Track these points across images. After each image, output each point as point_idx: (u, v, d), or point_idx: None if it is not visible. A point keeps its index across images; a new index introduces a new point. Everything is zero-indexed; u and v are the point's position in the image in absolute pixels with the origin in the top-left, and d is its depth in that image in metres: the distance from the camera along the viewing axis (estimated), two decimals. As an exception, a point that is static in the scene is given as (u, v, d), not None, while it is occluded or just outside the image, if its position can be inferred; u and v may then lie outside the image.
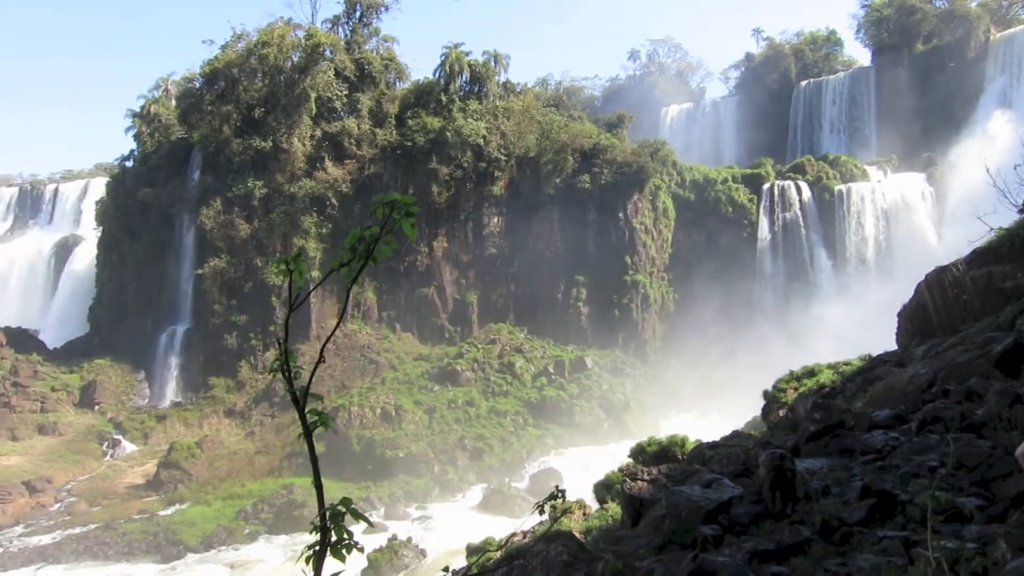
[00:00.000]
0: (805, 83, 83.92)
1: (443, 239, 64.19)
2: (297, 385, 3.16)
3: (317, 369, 3.16)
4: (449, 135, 62.38)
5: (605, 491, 18.65)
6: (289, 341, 3.25)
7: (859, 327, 47.42)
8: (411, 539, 38.54)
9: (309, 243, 60.02)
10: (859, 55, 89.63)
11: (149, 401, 61.52)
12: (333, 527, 3.01)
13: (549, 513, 4.94)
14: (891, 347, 20.54)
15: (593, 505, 18.97)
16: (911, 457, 9.21)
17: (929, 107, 71.87)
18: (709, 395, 55.93)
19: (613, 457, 35.15)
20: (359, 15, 69.41)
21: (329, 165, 62.56)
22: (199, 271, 61.34)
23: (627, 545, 10.78)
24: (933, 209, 61.65)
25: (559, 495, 4.69)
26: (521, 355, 59.57)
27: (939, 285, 18.69)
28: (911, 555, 6.49)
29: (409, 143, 62.95)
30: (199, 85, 67.18)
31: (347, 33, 69.21)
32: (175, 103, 73.43)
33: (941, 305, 18.59)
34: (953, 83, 71.31)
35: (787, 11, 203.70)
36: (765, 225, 64.76)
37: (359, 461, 48.53)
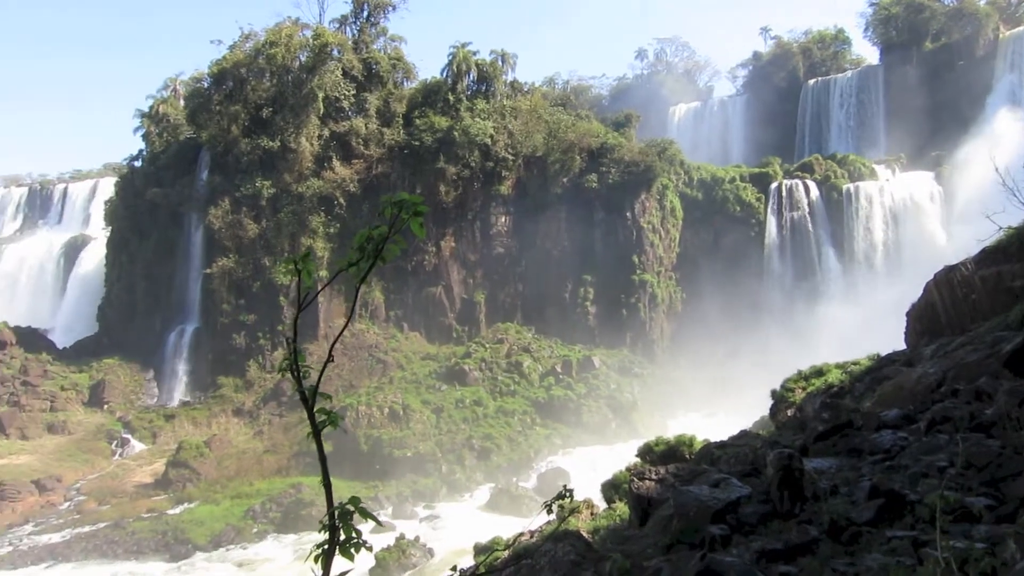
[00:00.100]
0: (813, 82, 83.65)
1: (451, 239, 64.24)
2: (306, 384, 3.17)
3: (326, 368, 3.16)
4: (457, 135, 62.41)
5: (613, 491, 18.62)
6: (297, 340, 3.27)
7: (867, 326, 47.25)
8: (419, 538, 38.58)
9: (317, 243, 60.14)
10: (867, 54, 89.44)
11: (158, 400, 61.76)
12: (342, 526, 3.02)
13: (557, 513, 4.95)
14: (900, 346, 20.47)
15: (601, 505, 18.94)
16: (920, 457, 9.18)
17: (938, 105, 71.56)
18: (717, 394, 55.82)
19: (621, 457, 35.13)
20: (367, 15, 69.49)
21: (337, 165, 62.68)
22: (207, 271, 61.53)
23: (635, 545, 10.78)
24: (942, 208, 61.36)
25: (567, 494, 4.69)
26: (529, 355, 59.56)
27: (948, 284, 18.61)
28: (920, 555, 6.47)
29: (417, 143, 63.00)
30: (207, 85, 67.39)
31: (355, 33, 69.29)
32: (183, 103, 73.62)
33: (950, 304, 18.50)
34: (962, 81, 71.02)
35: (795, 10, 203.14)
36: (773, 224, 64.59)
37: (367, 460, 48.61)
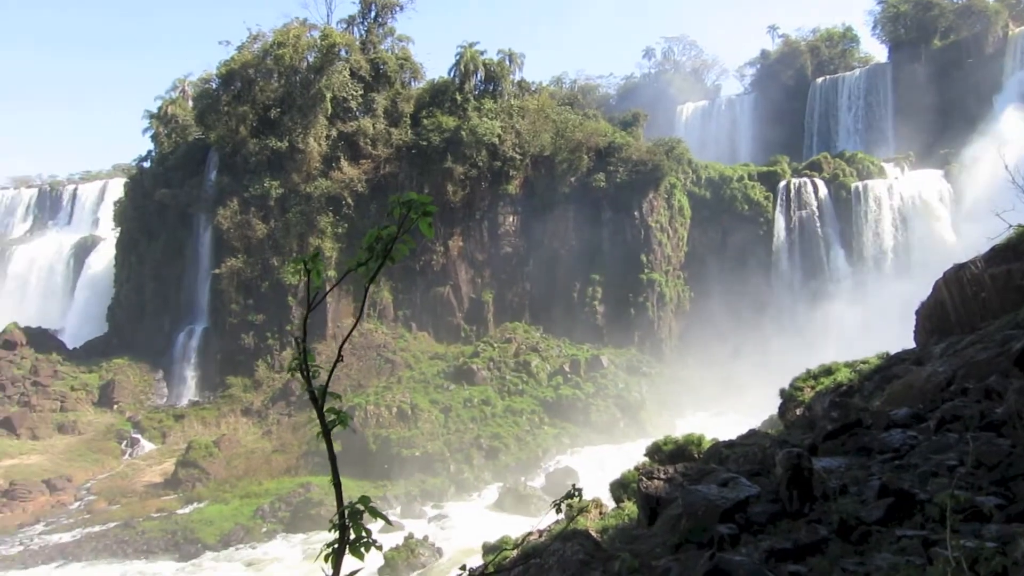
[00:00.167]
0: (821, 80, 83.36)
1: (458, 238, 64.28)
2: (315, 384, 3.19)
3: (337, 367, 3.18)
4: (464, 134, 62.45)
5: (621, 490, 18.61)
6: (307, 340, 3.28)
7: (876, 325, 47.16)
8: (427, 538, 38.58)
9: (325, 243, 60.26)
10: (876, 52, 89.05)
11: (167, 400, 62.00)
12: (352, 525, 3.03)
13: (565, 512, 4.95)
14: (909, 345, 20.40)
15: (609, 504, 18.93)
16: (929, 456, 9.16)
17: (946, 103, 71.23)
18: (725, 394, 55.71)
19: (629, 456, 35.10)
20: (374, 15, 69.60)
21: (345, 165, 62.79)
22: (216, 271, 61.72)
23: (643, 544, 10.78)
24: (951, 206, 61.08)
25: (576, 494, 4.70)
26: (537, 354, 59.55)
27: (957, 283, 18.55)
28: (930, 554, 6.46)
29: (424, 142, 63.07)
30: (215, 86, 67.66)
31: (362, 33, 69.42)
32: (192, 104, 73.92)
33: (959, 303, 18.44)
34: (971, 79, 70.68)
35: (803, 8, 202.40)
36: (781, 223, 64.40)
37: (375, 460, 48.67)
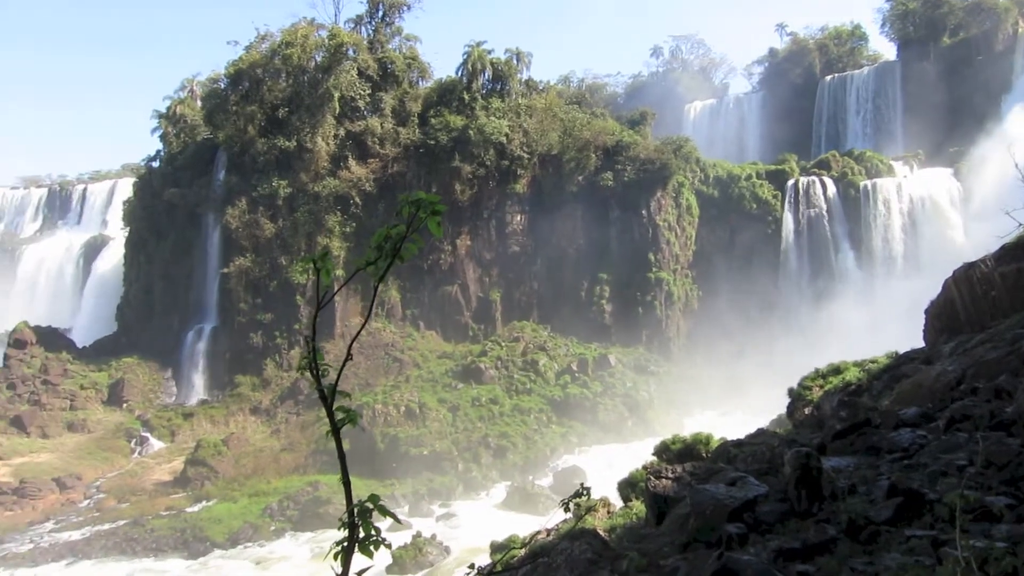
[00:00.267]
0: (830, 78, 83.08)
1: (466, 237, 64.31)
2: (324, 383, 3.20)
3: (347, 366, 3.19)
4: (472, 133, 62.47)
5: (629, 489, 18.59)
6: (315, 339, 3.29)
7: (885, 324, 46.95)
8: (435, 536, 38.64)
9: (333, 242, 60.37)
10: (884, 49, 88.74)
11: (176, 399, 62.24)
12: (361, 523, 3.04)
13: (573, 511, 4.96)
14: (918, 344, 20.33)
15: (617, 503, 18.92)
16: (939, 455, 9.13)
17: (956, 101, 70.91)
18: (733, 393, 55.61)
19: (637, 455, 35.07)
20: (382, 14, 69.64)
21: (353, 164, 62.90)
22: (225, 270, 61.91)
23: (651, 543, 10.77)
24: (960, 205, 60.79)
25: (584, 493, 4.70)
26: (544, 353, 59.54)
27: (967, 281, 18.46)
28: (939, 555, 6.44)
29: (432, 142, 63.12)
30: (224, 86, 67.83)
31: (370, 32, 69.48)
32: (200, 104, 74.17)
33: (969, 301, 18.36)
34: (981, 77, 70.33)
35: (811, 6, 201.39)
36: (790, 222, 64.23)
37: (383, 459, 48.75)
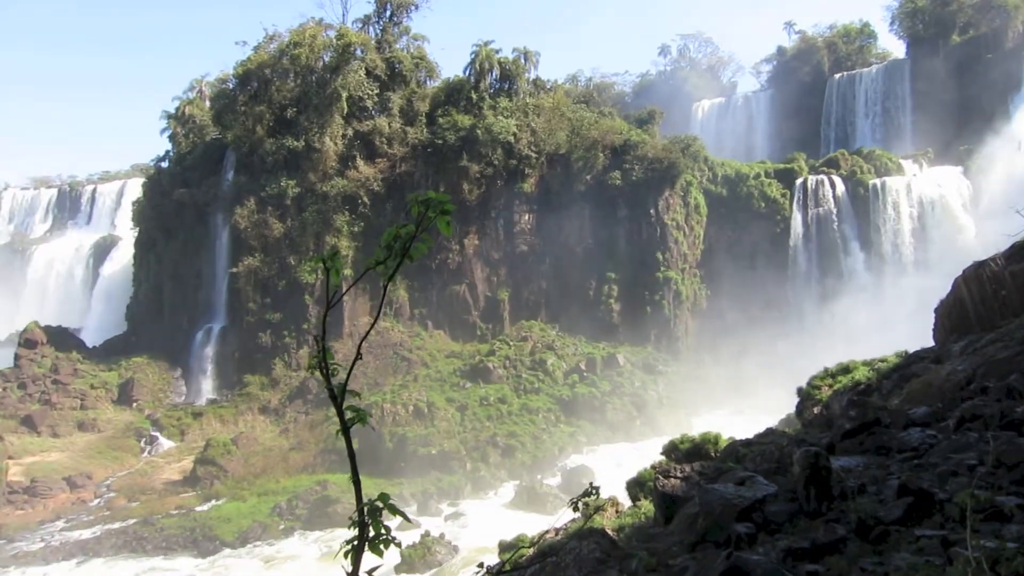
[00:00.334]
0: (838, 76, 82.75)
1: (474, 236, 64.33)
2: (334, 382, 3.21)
3: (356, 365, 3.20)
4: (480, 133, 62.49)
5: (638, 488, 18.55)
6: (325, 338, 3.30)
7: (894, 323, 46.81)
8: (443, 536, 38.70)
9: (341, 241, 60.48)
10: (893, 47, 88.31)
11: (185, 398, 62.47)
12: (371, 522, 3.05)
13: (582, 510, 4.95)
14: (928, 343, 20.23)
15: (625, 502, 18.89)
16: (949, 455, 9.09)
17: (966, 99, 70.56)
18: (742, 392, 55.50)
19: (645, 454, 35.09)
20: (389, 14, 69.74)
21: (361, 164, 63.00)
22: (233, 270, 62.10)
23: (660, 543, 10.76)
24: (970, 203, 60.52)
25: (593, 492, 4.70)
26: (553, 352, 59.52)
27: (977, 280, 18.35)
28: (949, 554, 6.41)
29: (440, 141, 63.15)
30: (232, 86, 68.09)
31: (378, 32, 69.60)
32: (209, 104, 74.43)
33: (979, 300, 18.25)
34: (991, 74, 69.94)
35: (819, 4, 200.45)
36: (798, 220, 64.04)
37: (392, 458, 48.84)
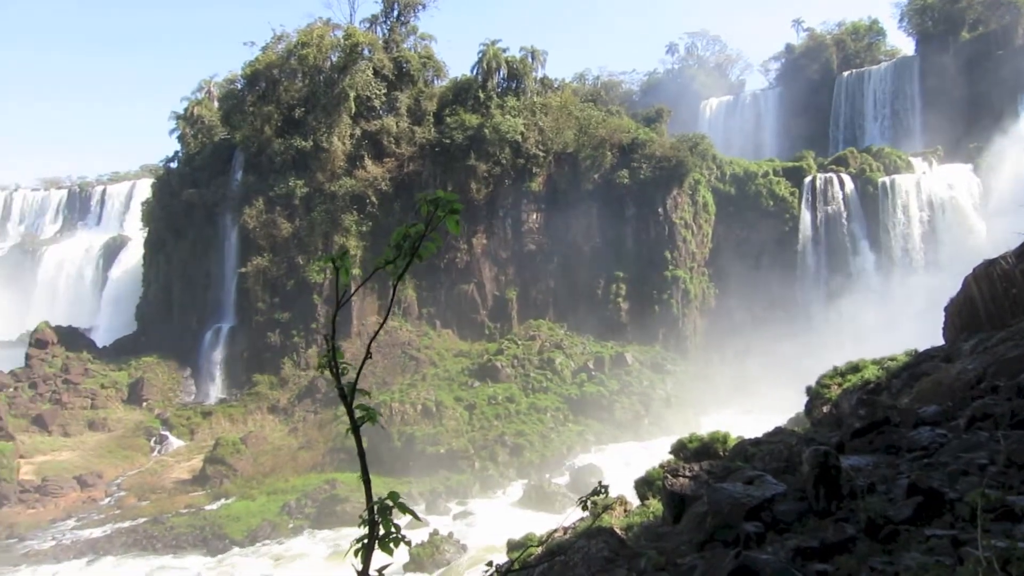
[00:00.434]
0: (847, 74, 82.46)
1: (482, 236, 64.35)
2: (344, 381, 3.22)
3: (365, 365, 3.21)
4: (487, 132, 62.50)
5: (646, 487, 18.54)
6: (334, 337, 3.31)
7: (904, 321, 46.63)
8: (452, 534, 38.76)
9: (350, 241, 60.59)
10: (902, 45, 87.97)
11: (195, 398, 62.70)
12: (381, 521, 3.06)
13: (590, 509, 4.96)
14: (938, 342, 20.16)
15: (634, 501, 18.88)
16: (959, 454, 9.06)
17: (976, 96, 70.20)
18: (751, 391, 55.35)
19: (654, 453, 35.01)
20: (397, 14, 69.78)
21: (369, 163, 63.09)
22: (242, 269, 62.28)
23: (669, 542, 10.75)
24: (980, 201, 60.23)
25: (602, 491, 4.70)
26: (561, 351, 59.51)
27: (987, 278, 18.28)
28: (960, 554, 6.39)
29: (448, 140, 63.20)
30: (241, 86, 68.33)
31: (385, 32, 69.65)
32: (217, 104, 74.66)
33: (989, 299, 18.17)
34: (1001, 71, 69.57)
35: (828, 1, 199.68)
36: (807, 219, 63.85)
37: (400, 457, 48.90)
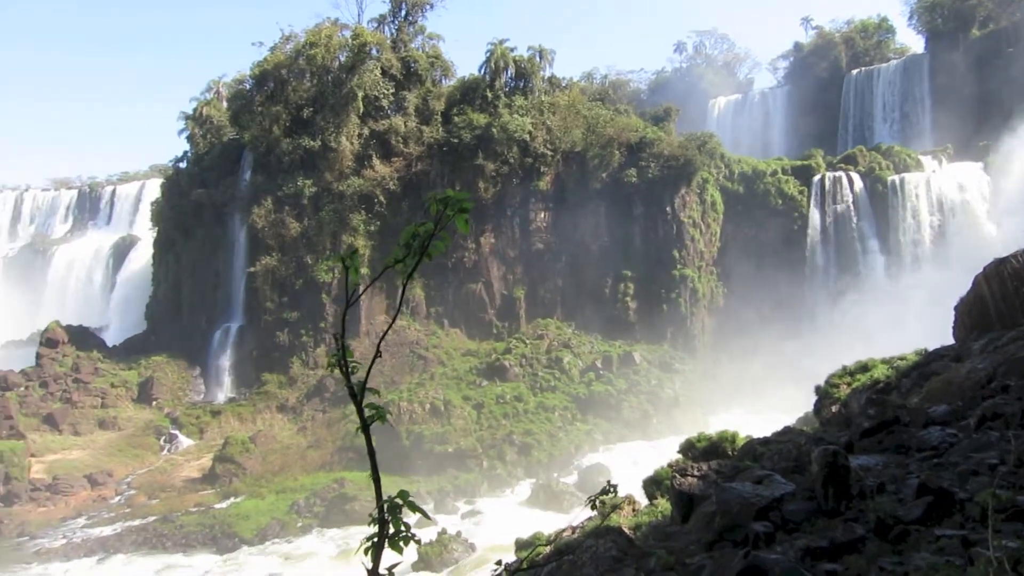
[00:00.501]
0: (856, 72, 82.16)
1: (490, 235, 64.38)
2: (353, 380, 3.23)
3: (374, 364, 3.22)
4: (495, 131, 62.50)
5: (654, 487, 18.52)
6: (344, 337, 3.32)
7: (914, 320, 46.47)
8: (460, 533, 38.80)
9: (358, 240, 60.68)
10: (912, 42, 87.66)
11: (204, 397, 62.92)
12: (391, 519, 3.07)
13: (599, 508, 4.95)
14: (948, 341, 20.08)
15: (642, 501, 18.86)
16: (969, 454, 9.03)
17: (986, 94, 69.83)
18: (759, 390, 55.21)
19: (662, 453, 34.99)
20: (404, 13, 69.83)
21: (377, 163, 63.18)
22: (251, 269, 62.45)
23: (677, 541, 10.74)
24: (990, 199, 59.91)
25: (611, 490, 4.70)
26: (569, 350, 59.50)
27: (998, 277, 18.19)
28: (970, 555, 6.37)
29: (455, 140, 63.23)
30: (249, 86, 68.45)
31: (393, 32, 69.71)
32: (226, 105, 74.87)
33: (1000, 298, 18.09)
34: (1011, 69, 69.14)
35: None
36: (816, 218, 63.66)
37: (408, 456, 48.99)
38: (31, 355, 63.67)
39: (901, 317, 50.95)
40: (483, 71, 67.11)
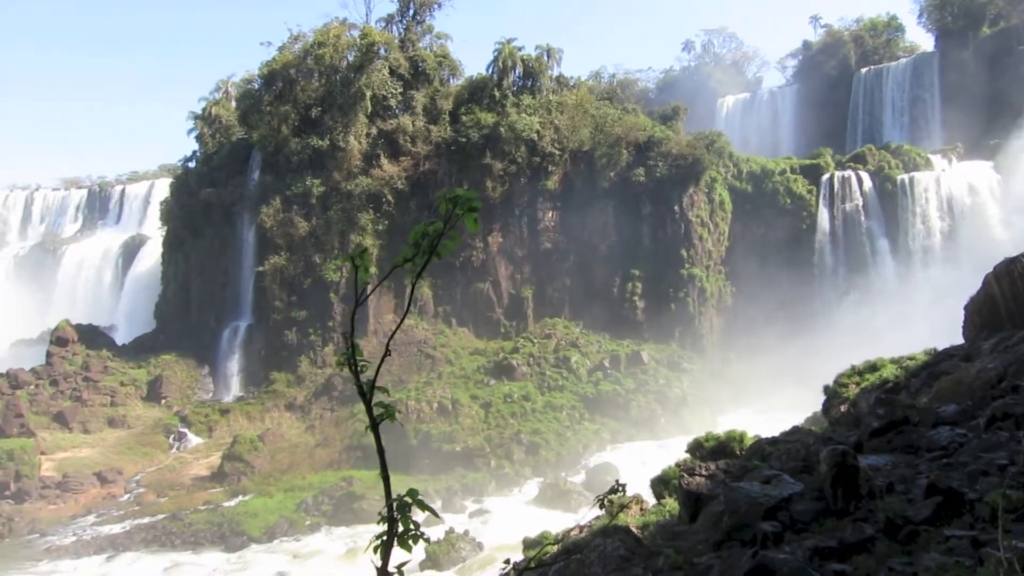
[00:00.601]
0: (865, 70, 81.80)
1: (498, 234, 64.40)
2: (363, 379, 3.24)
3: (383, 363, 3.23)
4: (503, 130, 62.52)
5: (662, 486, 18.52)
6: (353, 335, 3.33)
7: (923, 320, 46.28)
8: (468, 532, 38.85)
9: (366, 239, 60.79)
10: (921, 40, 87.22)
11: (213, 395, 63.15)
12: (400, 518, 3.08)
13: (607, 508, 4.96)
14: (958, 341, 20.01)
15: (650, 500, 18.85)
16: (979, 454, 9.00)
17: (996, 92, 69.44)
18: (768, 390, 55.07)
19: (670, 452, 34.98)
20: (412, 13, 69.92)
21: (385, 162, 63.28)
22: (260, 268, 62.65)
23: (685, 541, 10.73)
24: (1001, 198, 59.61)
25: (619, 489, 4.70)
26: (577, 349, 59.47)
27: (1008, 276, 18.11)
28: (980, 555, 6.35)
29: (463, 139, 63.27)
30: (258, 86, 68.64)
31: (401, 31, 69.82)
32: (235, 104, 75.05)
33: (1010, 297, 18.01)
34: (1022, 67, 68.78)
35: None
36: (825, 217, 63.46)
37: (416, 455, 49.05)
38: (41, 354, 64.03)
39: (910, 317, 50.76)
40: (491, 70, 67.13)
